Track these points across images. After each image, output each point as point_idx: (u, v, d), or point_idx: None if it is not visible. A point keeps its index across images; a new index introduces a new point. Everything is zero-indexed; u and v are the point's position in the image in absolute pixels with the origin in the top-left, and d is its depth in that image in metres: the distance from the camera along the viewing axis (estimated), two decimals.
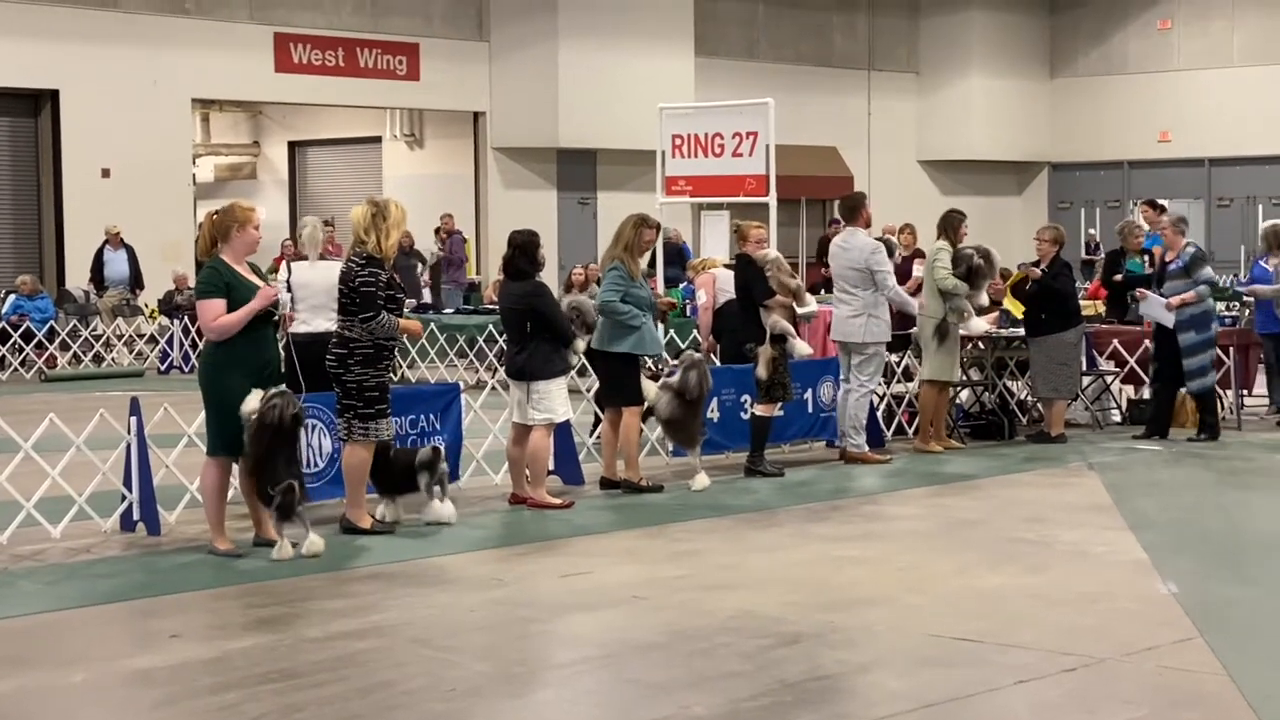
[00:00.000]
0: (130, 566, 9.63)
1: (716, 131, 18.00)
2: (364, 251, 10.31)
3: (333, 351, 10.31)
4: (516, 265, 11.60)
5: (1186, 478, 12.98)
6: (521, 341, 11.47)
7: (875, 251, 13.46)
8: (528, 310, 11.41)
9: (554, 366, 11.43)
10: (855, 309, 13.44)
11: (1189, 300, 14.57)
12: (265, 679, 7.13)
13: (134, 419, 10.42)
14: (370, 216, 10.38)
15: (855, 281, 13.44)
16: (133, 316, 24.61)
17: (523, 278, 11.56)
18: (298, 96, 29.19)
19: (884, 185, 35.37)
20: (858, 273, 13.41)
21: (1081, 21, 37.21)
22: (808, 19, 34.78)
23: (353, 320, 10.25)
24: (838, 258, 13.68)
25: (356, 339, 10.24)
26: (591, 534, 10.62)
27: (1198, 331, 14.60)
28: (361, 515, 10.45)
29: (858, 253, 13.44)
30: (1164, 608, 8.33)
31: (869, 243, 13.55)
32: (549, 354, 11.41)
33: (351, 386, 10.26)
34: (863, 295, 13.39)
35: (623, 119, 28.95)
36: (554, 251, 30.54)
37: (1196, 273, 14.72)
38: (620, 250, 12.12)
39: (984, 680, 7.01)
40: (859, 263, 13.40)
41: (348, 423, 10.33)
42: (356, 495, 10.46)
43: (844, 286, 13.54)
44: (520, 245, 11.61)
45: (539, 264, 11.75)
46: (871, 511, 11.41)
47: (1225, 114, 34.86)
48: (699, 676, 7.13)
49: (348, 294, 10.28)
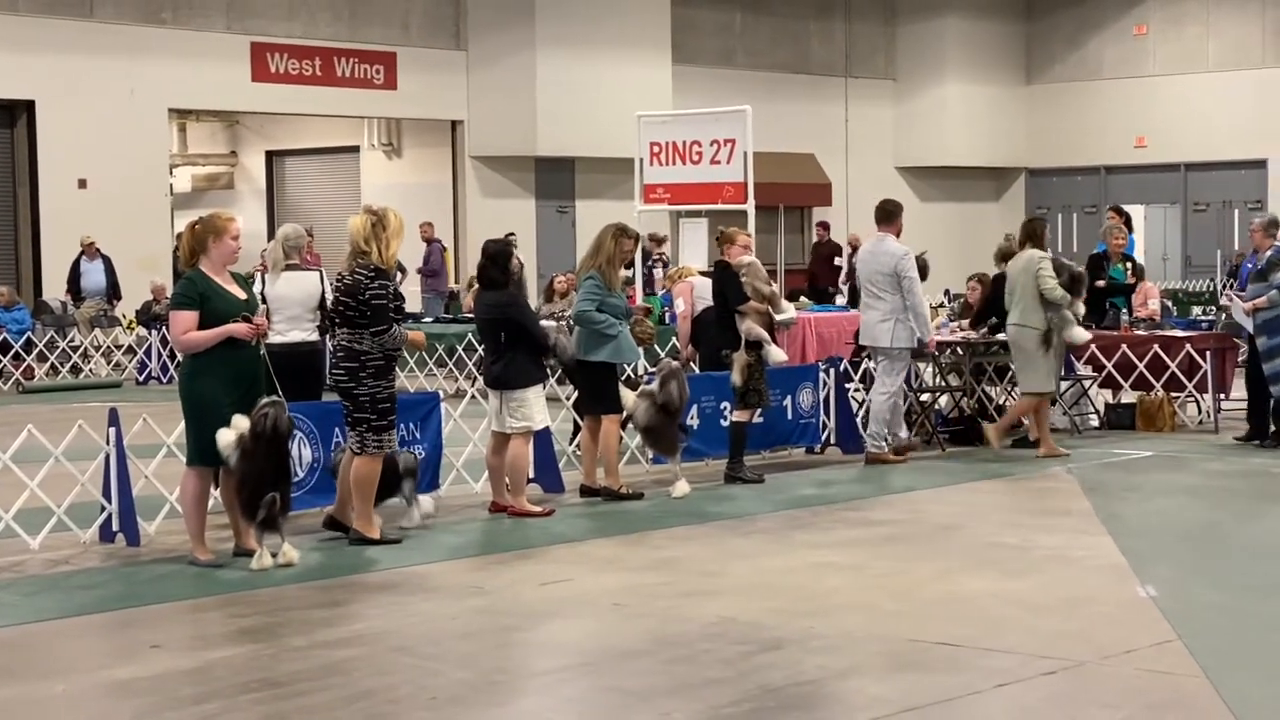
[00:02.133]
0: (110, 577, 9.61)
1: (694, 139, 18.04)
2: (370, 263, 10.24)
3: (342, 365, 10.26)
4: (490, 275, 11.60)
5: (1165, 482, 13.03)
6: (498, 350, 11.49)
7: (905, 258, 13.65)
8: (503, 320, 11.43)
9: (531, 375, 11.45)
10: (883, 313, 13.65)
11: (1260, 305, 14.19)
12: (246, 689, 7.12)
13: (113, 430, 10.40)
14: (370, 226, 10.28)
15: (884, 286, 13.64)
16: (110, 327, 24.55)
17: (496, 287, 11.56)
18: (275, 106, 29.15)
19: (862, 192, 35.39)
20: (887, 277, 13.62)
21: (1057, 27, 37.35)
22: (784, 27, 34.85)
23: (361, 333, 10.21)
24: (867, 263, 13.91)
25: (367, 351, 10.21)
26: (572, 542, 10.63)
27: (1270, 336, 14.19)
28: (371, 526, 10.41)
29: (888, 258, 13.64)
30: (1143, 611, 8.36)
31: (899, 249, 13.72)
32: (525, 363, 11.43)
33: (365, 400, 10.22)
34: (890, 300, 13.62)
35: (601, 127, 28.98)
36: (533, 260, 30.58)
37: (1272, 276, 14.23)
38: (601, 261, 12.11)
39: (965, 685, 7.03)
40: (889, 268, 13.60)
41: (360, 436, 10.27)
42: (366, 508, 10.40)
43: (872, 291, 13.75)
44: (493, 255, 11.62)
45: (511, 273, 11.78)
46: (851, 517, 11.43)
47: (1201, 119, 35.01)
48: (680, 683, 7.14)
49: (355, 307, 10.21)
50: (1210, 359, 15.61)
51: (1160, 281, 29.31)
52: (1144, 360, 15.90)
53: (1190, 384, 15.78)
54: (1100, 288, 16.74)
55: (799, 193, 34.26)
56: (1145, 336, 16.26)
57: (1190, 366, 15.73)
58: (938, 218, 35.87)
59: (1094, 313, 16.81)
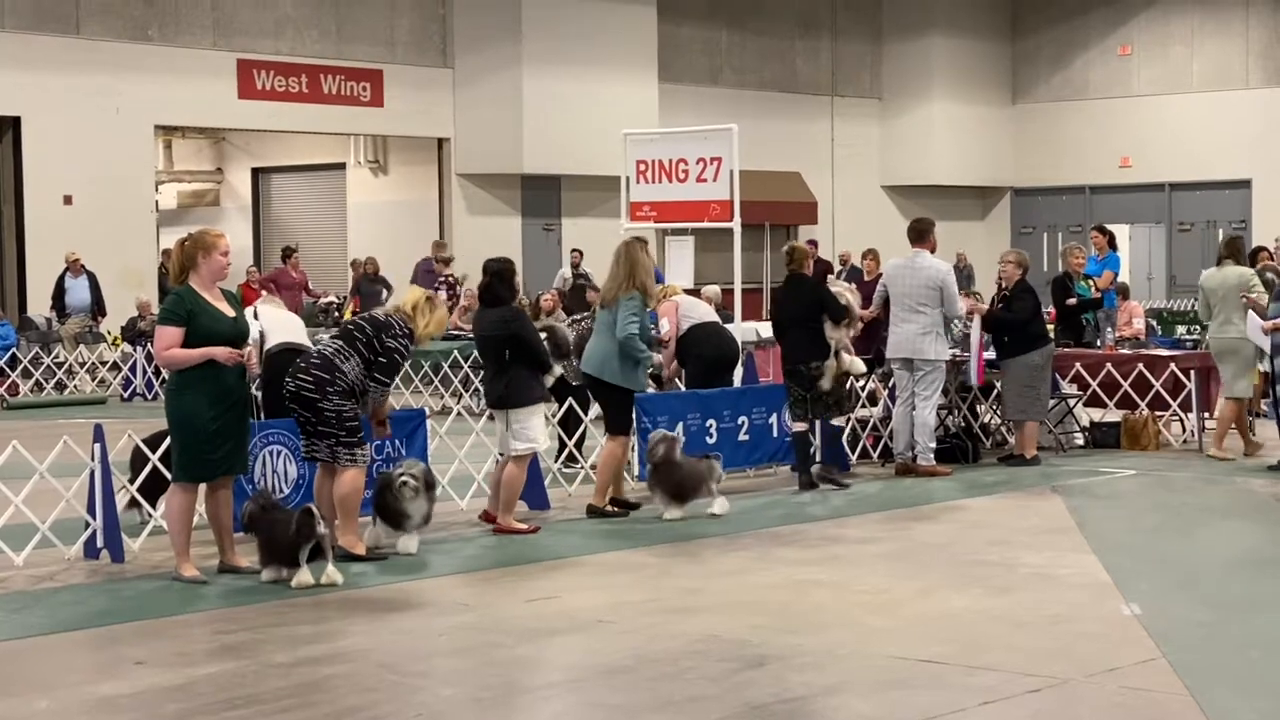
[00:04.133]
0: (94, 594, 9.59)
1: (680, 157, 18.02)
2: (410, 321, 10.41)
3: (312, 373, 10.22)
4: (494, 292, 11.59)
5: (1149, 500, 13.06)
6: (500, 369, 11.45)
7: (948, 274, 14.11)
8: (507, 337, 11.38)
9: (534, 393, 11.44)
10: (923, 326, 13.98)
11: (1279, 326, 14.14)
12: (231, 705, 7.11)
13: (97, 446, 10.38)
14: (424, 300, 10.57)
15: (923, 299, 13.97)
16: (95, 343, 24.50)
17: (499, 304, 11.55)
18: (261, 123, 29.16)
19: (847, 210, 35.55)
20: (928, 291, 13.95)
21: (1042, 47, 37.48)
22: (771, 45, 34.94)
23: (351, 356, 10.23)
24: (905, 278, 14.18)
25: (346, 374, 10.21)
26: (558, 559, 10.62)
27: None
28: (355, 542, 10.40)
29: (931, 272, 14.01)
30: (1127, 629, 8.38)
31: (941, 264, 14.17)
32: (528, 380, 11.41)
33: (330, 415, 10.21)
34: (929, 314, 13.95)
35: (587, 145, 29.02)
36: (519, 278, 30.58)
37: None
38: (641, 277, 12.05)
39: (949, 702, 7.04)
40: (932, 282, 13.95)
41: (331, 450, 10.27)
42: (350, 522, 10.40)
43: (910, 305, 14.04)
44: (496, 272, 11.64)
45: (515, 290, 11.89)
46: (836, 535, 11.44)
47: (1185, 139, 35.14)
48: (665, 700, 7.14)
49: (369, 337, 10.27)
50: (1194, 378, 15.64)
51: (1145, 301, 29.41)
52: (1129, 379, 15.94)
53: (1175, 403, 15.81)
54: (1072, 306, 16.82)
55: (785, 211, 34.32)
56: (1130, 355, 16.31)
57: (1175, 385, 15.76)
58: None
59: (1070, 331, 16.87)
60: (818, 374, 13.28)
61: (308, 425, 10.31)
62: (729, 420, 13.66)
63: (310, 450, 10.42)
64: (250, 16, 28.12)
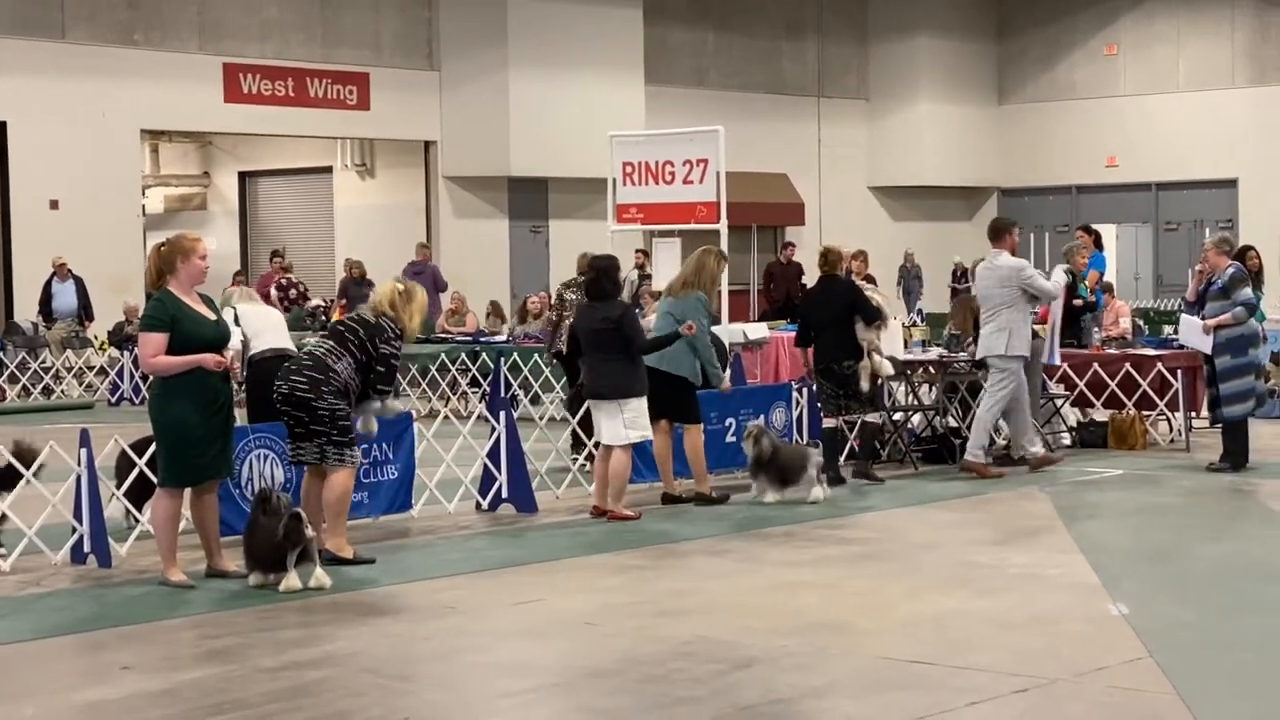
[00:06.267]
0: (81, 599, 9.57)
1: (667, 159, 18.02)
2: (398, 320, 10.38)
3: (305, 373, 10.20)
4: (600, 287, 12.17)
5: (1136, 500, 13.07)
6: (605, 361, 11.96)
7: (1024, 270, 14.26)
8: (615, 329, 11.91)
9: (641, 384, 12.02)
10: (1000, 325, 14.13)
11: (1225, 323, 14.06)
12: (218, 709, 7.10)
13: (84, 451, 10.36)
14: (397, 294, 10.47)
15: (1001, 299, 14.15)
16: (82, 348, 24.46)
17: (606, 299, 12.12)
18: (247, 127, 29.12)
19: (835, 211, 35.57)
20: (1005, 290, 14.11)
21: (1029, 48, 37.53)
22: (757, 47, 34.95)
23: (344, 357, 10.21)
24: (985, 278, 14.41)
25: (339, 373, 10.20)
26: (545, 562, 10.61)
27: (1233, 356, 14.06)
28: (343, 545, 10.36)
29: (1007, 271, 14.12)
30: (1114, 629, 8.38)
31: (1018, 262, 14.35)
32: (633, 371, 11.99)
33: (324, 414, 10.18)
34: (1006, 313, 14.11)
35: (573, 147, 29.02)
36: (506, 280, 30.59)
37: (1235, 294, 14.15)
38: (706, 282, 12.76)
39: (937, 703, 7.04)
40: (1010, 281, 14.10)
41: (320, 449, 10.23)
42: (339, 524, 10.35)
43: (991, 305, 14.24)
44: (604, 269, 12.26)
45: (620, 286, 12.56)
46: (825, 536, 11.44)
47: (1171, 139, 35.20)
48: (652, 703, 7.13)
49: (362, 340, 10.27)
50: (1181, 378, 15.66)
51: (1132, 300, 29.43)
52: (1116, 379, 15.97)
53: (1162, 402, 15.83)
54: (1078, 307, 16.74)
55: (772, 212, 34.33)
56: (1117, 355, 16.32)
57: (1161, 385, 15.79)
58: (910, 237, 35.99)
59: (1074, 332, 16.72)
60: (849, 372, 13.58)
61: (298, 427, 10.25)
62: (715, 422, 13.66)
63: (297, 453, 10.36)
64: (236, 20, 28.08)
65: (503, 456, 12.35)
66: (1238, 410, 14.09)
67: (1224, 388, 14.10)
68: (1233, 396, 14.07)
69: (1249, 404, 14.10)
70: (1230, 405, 14.09)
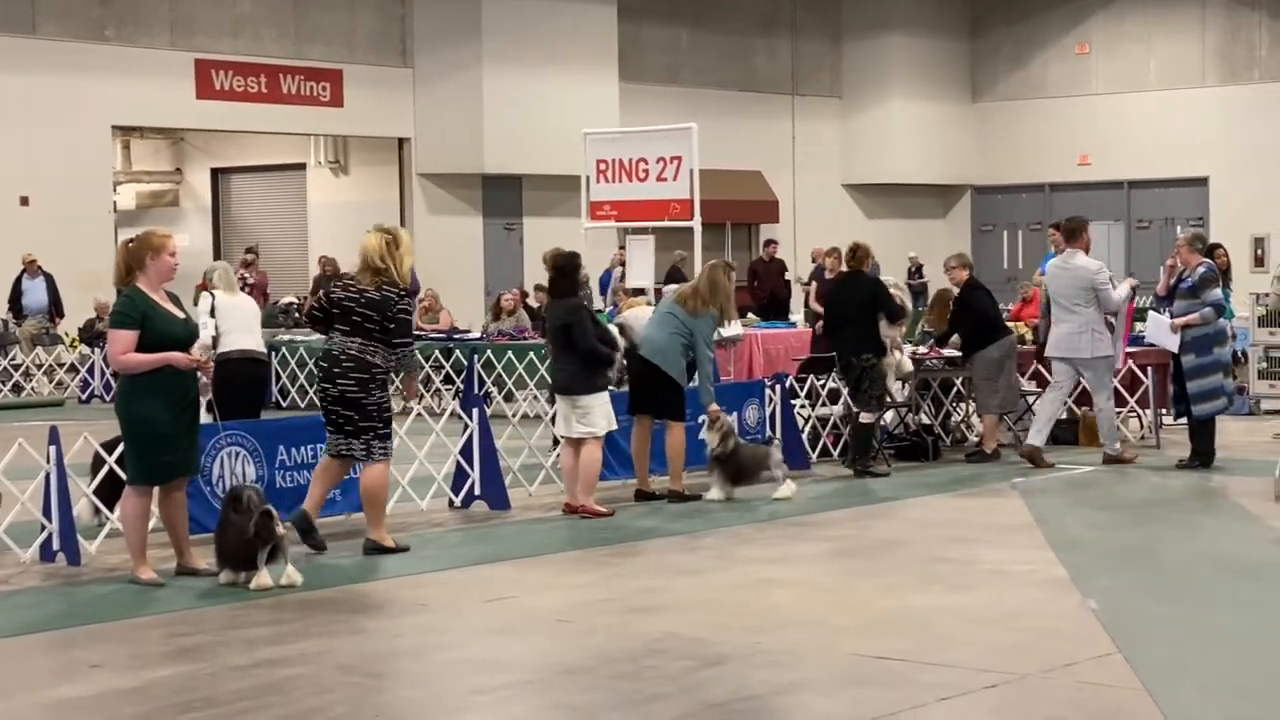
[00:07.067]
0: (50, 597, 9.54)
1: (641, 156, 18.06)
2: (394, 280, 10.44)
3: (351, 376, 10.36)
4: (560, 285, 12.27)
5: (1106, 496, 13.12)
6: (566, 357, 12.05)
7: (1099, 272, 14.39)
8: (567, 327, 12.00)
9: (593, 382, 12.06)
10: (1079, 326, 14.29)
11: (1193, 323, 14.05)
12: (187, 708, 7.07)
13: (53, 448, 10.31)
14: (385, 244, 10.50)
15: (1077, 299, 14.29)
16: (52, 345, 24.36)
17: (567, 297, 12.25)
18: (220, 123, 29.02)
19: (808, 209, 35.59)
20: (1081, 291, 14.26)
21: (1001, 46, 37.61)
22: (731, 44, 34.96)
23: (376, 346, 10.38)
24: (1058, 278, 14.53)
25: (379, 365, 10.40)
26: (517, 558, 10.61)
27: (1198, 355, 14.04)
28: (385, 534, 10.59)
29: (1082, 271, 14.30)
30: (1084, 624, 8.42)
31: (1092, 263, 14.47)
32: (590, 371, 12.05)
33: (373, 409, 10.41)
34: (1083, 313, 14.26)
35: (547, 144, 28.99)
36: (480, 277, 30.55)
37: (1204, 294, 14.12)
38: (722, 299, 12.75)
39: (908, 699, 7.06)
40: (1085, 282, 14.22)
41: (367, 444, 10.44)
42: (380, 515, 10.62)
43: (1065, 305, 14.37)
44: (561, 267, 12.34)
45: (580, 284, 12.74)
46: (797, 533, 11.45)
47: (1143, 137, 35.31)
48: (624, 699, 7.13)
49: (378, 321, 10.38)
50: (1152, 374, 15.72)
51: None
52: None
53: (1132, 399, 15.89)
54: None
55: (746, 210, 34.36)
56: None
57: (1132, 382, 15.85)
58: (884, 235, 35.92)
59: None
60: (867, 365, 13.78)
61: (348, 424, 10.45)
62: (688, 419, 13.64)
63: (349, 448, 10.48)
64: (208, 16, 27.99)
65: (475, 453, 12.35)
66: (1205, 409, 14.12)
67: (1191, 386, 14.14)
68: (1200, 395, 14.11)
69: (1218, 402, 14.13)
70: (1198, 404, 14.12)
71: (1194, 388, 14.12)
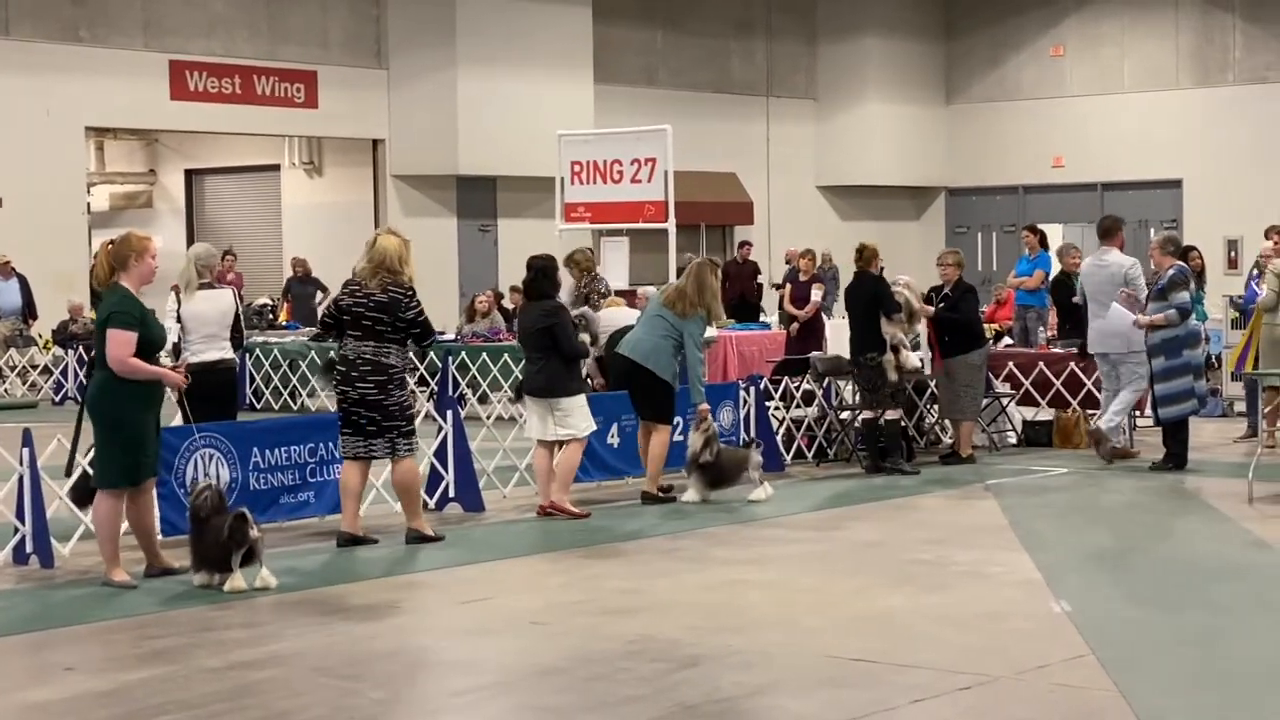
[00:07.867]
0: (23, 599, 9.51)
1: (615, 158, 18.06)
2: (403, 282, 10.70)
3: (369, 379, 10.63)
4: (538, 287, 12.30)
5: (1080, 498, 13.17)
6: (543, 360, 12.08)
7: (1133, 268, 14.59)
8: (551, 328, 12.02)
9: (573, 384, 12.17)
10: (1117, 323, 14.42)
11: (1157, 322, 14.04)
12: (161, 710, 7.06)
13: (26, 450, 10.28)
14: (405, 247, 10.81)
15: (1112, 296, 14.44)
16: (26, 347, 24.26)
17: (545, 298, 12.26)
18: (194, 124, 28.91)
19: (783, 211, 35.62)
20: (1114, 287, 14.47)
21: (976, 48, 37.69)
22: (706, 46, 34.97)
23: (390, 348, 10.66)
24: (1094, 275, 14.78)
25: (395, 365, 10.68)
26: (492, 560, 10.61)
27: (1167, 358, 14.06)
28: (424, 523, 10.96)
29: (1117, 269, 14.55)
30: (1056, 626, 8.45)
31: (1127, 260, 14.72)
32: (572, 372, 12.17)
33: (394, 409, 10.70)
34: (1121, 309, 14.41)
35: (522, 146, 28.94)
36: (454, 279, 30.51)
37: (1172, 296, 14.07)
38: (708, 298, 12.71)
39: (880, 700, 7.08)
40: (1117, 278, 14.45)
41: (391, 442, 10.70)
42: (416, 506, 10.98)
43: (1101, 301, 14.58)
44: (540, 269, 12.34)
45: (558, 285, 12.67)
46: (772, 535, 11.47)
47: (1117, 139, 35.40)
48: (598, 701, 7.14)
49: (391, 323, 10.63)
50: None
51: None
52: (1061, 378, 16.07)
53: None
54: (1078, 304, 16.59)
55: (720, 211, 34.35)
56: (1062, 354, 16.43)
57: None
58: (858, 237, 35.71)
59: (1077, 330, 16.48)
60: (873, 364, 13.98)
61: (371, 425, 10.71)
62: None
63: (369, 449, 10.75)
64: (181, 17, 27.89)
65: (450, 455, 12.34)
66: (1174, 411, 14.16)
67: (1159, 389, 14.21)
68: (1170, 397, 14.15)
69: (1188, 404, 14.16)
70: (1167, 406, 14.18)
71: (1162, 390, 14.17)
